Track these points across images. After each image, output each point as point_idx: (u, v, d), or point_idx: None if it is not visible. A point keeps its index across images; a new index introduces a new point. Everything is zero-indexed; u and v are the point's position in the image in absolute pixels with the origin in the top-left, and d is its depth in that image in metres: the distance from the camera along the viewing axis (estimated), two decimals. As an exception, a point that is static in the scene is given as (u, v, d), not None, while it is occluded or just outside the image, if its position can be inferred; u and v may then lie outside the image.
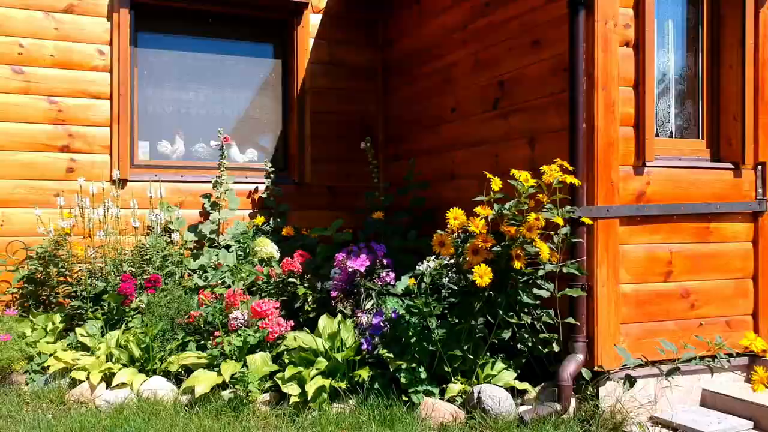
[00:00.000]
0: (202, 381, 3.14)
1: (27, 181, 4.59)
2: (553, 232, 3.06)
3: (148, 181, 4.78)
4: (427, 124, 4.87)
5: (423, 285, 3.47)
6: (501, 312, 3.05)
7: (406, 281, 3.75)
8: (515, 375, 3.24)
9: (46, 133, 4.64)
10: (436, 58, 4.71)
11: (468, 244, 2.92)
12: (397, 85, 5.34)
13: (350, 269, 3.42)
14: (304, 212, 5.22)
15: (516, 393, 3.18)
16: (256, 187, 5.15)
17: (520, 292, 3.00)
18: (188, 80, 5.21)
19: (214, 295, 3.82)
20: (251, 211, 5.08)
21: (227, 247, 4.59)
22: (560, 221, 2.87)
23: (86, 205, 4.08)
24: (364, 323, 3.14)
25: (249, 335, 3.26)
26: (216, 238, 4.62)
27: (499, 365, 3.24)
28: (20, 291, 4.28)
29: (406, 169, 4.87)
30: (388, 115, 5.51)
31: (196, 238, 4.60)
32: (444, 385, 3.17)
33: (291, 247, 4.31)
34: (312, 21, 5.35)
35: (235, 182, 4.99)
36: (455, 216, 2.94)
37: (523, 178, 2.79)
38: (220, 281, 4.02)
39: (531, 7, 3.70)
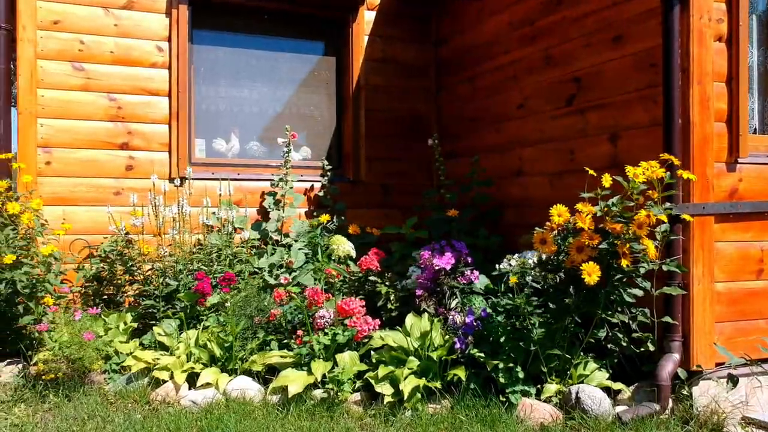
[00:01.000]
0: (295, 380, 3.09)
1: (87, 179, 4.55)
2: (654, 230, 3.01)
3: (206, 179, 4.74)
4: (488, 121, 4.82)
5: (506, 284, 3.44)
6: (600, 311, 3.00)
7: (485, 280, 3.71)
8: (607, 375, 3.20)
9: (105, 130, 4.60)
10: (499, 55, 4.67)
11: (572, 241, 2.87)
12: (452, 83, 5.29)
13: (436, 267, 3.37)
14: (358, 210, 5.18)
15: (609, 393, 3.13)
16: (312, 185, 5.10)
17: (621, 291, 2.95)
18: (242, 78, 5.16)
19: (288, 294, 3.77)
20: (307, 209, 5.03)
21: (288, 246, 4.54)
22: (664, 218, 2.82)
23: (160, 203, 4.02)
24: (458, 322, 3.10)
25: (338, 334, 3.22)
26: (279, 237, 4.57)
27: (592, 365, 3.20)
28: (83, 290, 4.23)
29: (462, 166, 4.82)
30: (441, 113, 5.46)
31: (259, 236, 4.55)
32: (538, 385, 3.12)
33: (356, 246, 4.27)
34: (366, 18, 5.31)
35: (280, 180, 4.94)
36: (559, 213, 2.90)
37: (632, 173, 2.74)
38: (291, 279, 3.97)
39: (612, 2, 3.65)
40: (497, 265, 3.64)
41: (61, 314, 3.75)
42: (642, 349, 3.15)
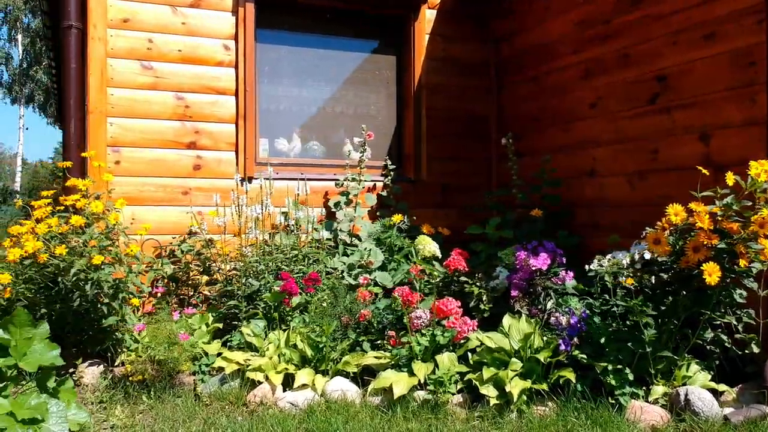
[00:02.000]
0: (399, 382, 3.05)
1: (155, 179, 4.51)
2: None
3: (273, 179, 4.70)
4: (554, 121, 4.79)
5: (602, 284, 3.40)
6: (709, 311, 2.96)
7: (572, 281, 3.67)
8: (710, 376, 3.16)
9: (173, 129, 4.57)
10: (567, 54, 4.63)
11: (689, 241, 2.83)
12: (513, 82, 5.26)
13: (533, 267, 3.34)
14: (418, 210, 5.14)
15: (714, 395, 3.10)
16: (374, 185, 5.07)
17: (731, 291, 2.92)
18: (303, 77, 5.13)
19: (372, 294, 3.74)
20: (369, 209, 5.00)
21: (354, 245, 4.50)
22: (779, 218, 2.78)
23: (243, 202, 3.98)
24: (563, 323, 3.06)
25: (438, 335, 3.18)
26: (347, 237, 4.54)
27: (694, 366, 3.16)
28: (153, 290, 4.20)
29: (525, 167, 4.77)
30: (501, 112, 5.43)
31: (331, 236, 4.52)
32: (643, 387, 3.08)
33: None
34: (427, 16, 5.28)
35: (353, 179, 4.91)
36: (676, 212, 2.86)
37: (755, 172, 2.70)
38: (371, 279, 3.94)
39: (702, 0, 3.61)
40: (587, 266, 3.60)
41: (136, 314, 3.73)
42: (748, 351, 3.12)
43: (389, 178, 4.97)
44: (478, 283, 3.60)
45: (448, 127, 5.34)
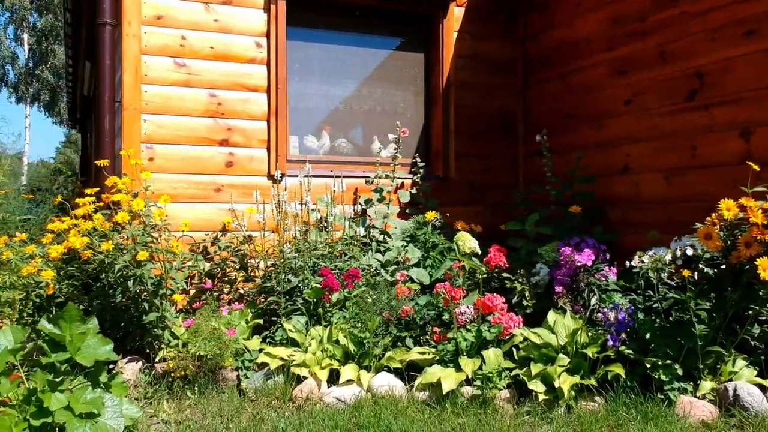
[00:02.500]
0: (447, 378, 3.06)
1: (187, 176, 4.51)
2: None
3: (304, 176, 4.71)
4: (586, 117, 4.79)
5: (645, 279, 3.41)
6: (758, 306, 2.97)
7: (613, 277, 3.67)
8: (755, 372, 3.16)
9: (206, 126, 4.57)
10: (600, 51, 4.63)
11: (740, 237, 2.84)
12: (542, 79, 5.26)
13: (578, 264, 3.34)
14: (446, 207, 5.11)
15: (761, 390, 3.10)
16: (402, 183, 5.07)
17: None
18: (332, 74, 5.13)
19: (410, 290, 3.75)
20: (399, 206, 4.99)
21: (384, 242, 4.51)
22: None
23: (284, 199, 3.99)
24: (611, 319, 3.06)
25: (484, 330, 3.18)
26: (378, 233, 4.54)
27: (740, 362, 3.16)
28: (188, 286, 4.20)
29: (556, 163, 4.76)
30: (528, 110, 5.43)
31: (364, 233, 4.52)
32: (691, 382, 3.08)
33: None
34: (455, 14, 5.28)
35: (386, 177, 4.91)
36: (728, 207, 2.86)
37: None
38: (407, 275, 3.94)
39: (743, -4, 3.62)
40: (627, 262, 3.61)
41: (173, 310, 3.73)
42: (793, 347, 3.12)
43: (419, 175, 4.97)
44: (519, 280, 3.60)
45: (476, 125, 5.34)
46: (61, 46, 26.91)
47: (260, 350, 3.53)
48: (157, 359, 3.63)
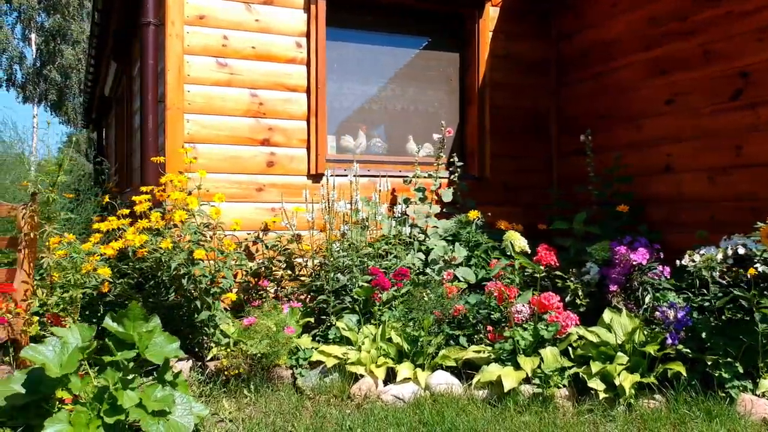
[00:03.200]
0: (508, 376, 3.08)
1: (230, 175, 4.53)
2: None
3: (338, 175, 4.73)
4: (622, 117, 4.80)
5: (698, 278, 3.42)
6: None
7: (667, 275, 3.69)
8: (809, 370, 3.18)
9: (248, 126, 4.59)
10: (638, 51, 4.65)
11: (804, 236, 2.86)
12: (576, 79, 5.28)
13: (633, 262, 3.36)
14: (482, 207, 5.13)
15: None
16: (440, 182, 5.08)
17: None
18: (367, 74, 5.15)
19: (458, 289, 3.76)
20: (438, 206, 4.99)
21: (423, 242, 4.52)
22: None
23: (334, 198, 4.01)
24: (671, 317, 3.08)
25: (542, 329, 3.20)
26: (421, 233, 4.55)
27: (795, 360, 3.18)
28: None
29: (589, 163, 4.78)
30: (561, 110, 5.45)
31: (408, 232, 4.53)
32: (750, 380, 3.10)
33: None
34: (491, 14, 5.29)
35: (428, 176, 4.93)
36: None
37: None
38: (453, 274, 3.96)
39: (791, -4, 3.64)
40: (677, 261, 3.63)
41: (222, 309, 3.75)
42: None
43: (456, 175, 4.99)
44: (572, 278, 3.62)
45: (510, 125, 5.36)
46: (69, 46, 26.96)
47: (313, 348, 3.55)
48: (208, 358, 3.65)
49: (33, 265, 3.23)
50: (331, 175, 4.69)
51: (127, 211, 3.94)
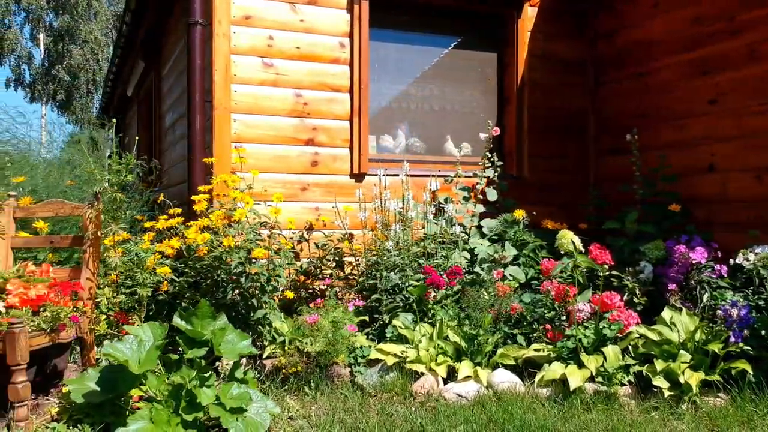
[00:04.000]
0: (573, 374, 3.10)
1: (276, 175, 4.55)
2: None
3: (384, 175, 4.75)
4: (663, 117, 4.82)
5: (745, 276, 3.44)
6: None
7: (724, 274, 3.71)
8: None
9: (293, 126, 4.61)
10: (680, 51, 4.67)
11: None
12: (614, 79, 5.29)
13: (693, 261, 3.38)
14: (519, 206, 5.16)
15: None
16: (478, 181, 5.10)
17: None
18: (405, 73, 5.17)
19: (511, 288, 3.78)
20: (482, 206, 5.00)
21: (455, 241, 4.54)
22: None
23: (387, 197, 4.03)
24: (734, 316, 3.10)
25: (605, 327, 3.22)
26: (462, 232, 4.57)
27: None
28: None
29: (628, 163, 4.79)
30: (599, 109, 5.47)
31: (459, 231, 4.54)
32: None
33: (550, 241, 4.31)
34: (528, 14, 5.31)
35: (458, 176, 4.94)
36: None
37: None
38: (503, 273, 3.98)
39: None
40: (730, 260, 3.65)
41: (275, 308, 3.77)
42: None
43: (495, 174, 5.00)
44: (628, 277, 3.63)
45: (547, 124, 5.38)
46: (77, 46, 27.00)
47: (370, 347, 3.57)
48: (264, 356, 3.67)
49: (97, 264, 3.25)
50: (375, 175, 4.73)
51: (179, 210, 3.97)
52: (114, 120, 6.73)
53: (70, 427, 2.65)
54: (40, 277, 3.15)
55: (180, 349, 2.94)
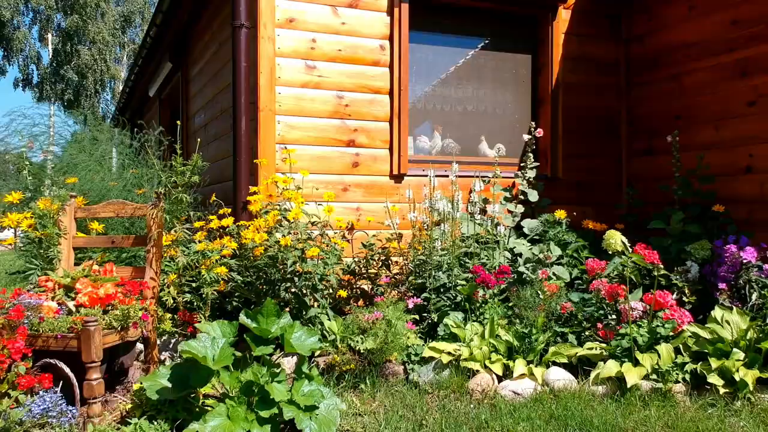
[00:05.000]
0: (629, 372, 3.15)
1: (317, 176, 4.61)
2: None
3: (418, 175, 4.82)
4: (699, 118, 4.88)
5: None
6: None
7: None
8: None
9: (334, 127, 4.67)
10: (718, 53, 4.72)
11: None
12: (648, 79, 5.35)
13: (744, 260, 3.44)
14: (554, 207, 5.22)
15: None
16: (514, 182, 5.16)
17: None
18: (440, 75, 5.23)
19: (558, 287, 3.84)
20: (522, 206, 5.04)
21: (496, 241, 4.60)
22: None
23: (437, 197, 4.08)
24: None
25: (659, 326, 3.28)
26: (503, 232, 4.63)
27: None
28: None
29: (663, 164, 4.84)
30: (630, 110, 5.52)
31: (504, 231, 4.60)
32: None
33: (592, 240, 4.38)
34: (563, 16, 5.37)
35: (496, 176, 5.00)
36: None
37: None
38: (548, 273, 4.04)
39: None
40: (778, 260, 3.70)
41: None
42: None
43: (531, 175, 5.06)
44: (677, 277, 3.69)
45: (581, 125, 5.44)
46: (85, 46, 27.08)
47: (422, 345, 3.63)
48: (316, 354, 3.73)
49: (160, 263, 3.31)
50: (413, 175, 4.80)
51: (228, 210, 4.03)
52: (141, 121, 6.79)
53: (153, 422, 2.70)
54: (104, 276, 3.21)
55: (241, 346, 3.01)
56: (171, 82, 8.30)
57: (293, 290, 3.69)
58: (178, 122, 4.86)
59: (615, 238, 3.70)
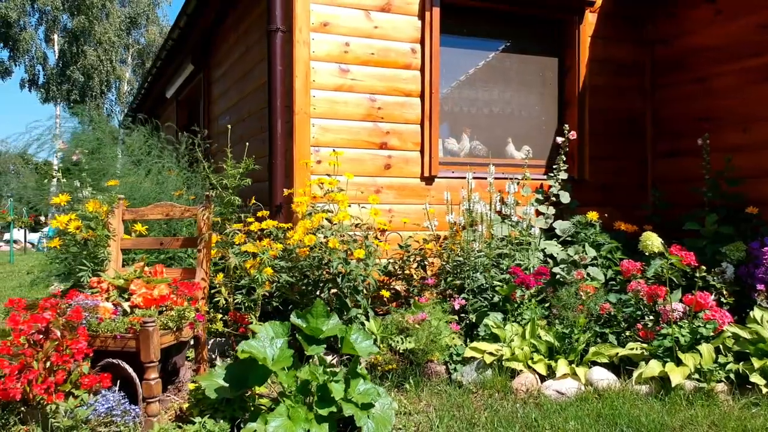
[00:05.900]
0: (673, 372, 3.21)
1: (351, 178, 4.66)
2: None
3: (448, 177, 4.88)
4: (725, 120, 4.93)
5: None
6: None
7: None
8: None
9: (367, 130, 4.73)
10: (745, 57, 4.78)
11: None
12: (674, 82, 5.41)
13: (782, 262, 3.50)
14: (581, 209, 5.28)
15: None
16: (541, 184, 5.22)
17: None
18: (467, 77, 5.29)
19: (594, 288, 3.89)
20: (553, 208, 5.10)
21: (529, 242, 4.66)
22: None
23: (476, 199, 4.14)
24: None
25: (700, 326, 3.34)
26: (540, 233, 4.69)
27: None
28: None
29: (688, 166, 4.89)
30: (655, 112, 5.58)
31: (524, 232, 4.66)
32: None
33: (624, 242, 4.44)
34: (589, 19, 5.43)
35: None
36: None
37: None
38: (584, 274, 4.10)
39: None
40: (812, 261, 3.75)
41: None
42: None
43: (559, 177, 5.11)
44: (715, 278, 3.75)
45: (606, 127, 5.50)
46: (91, 47, 27.13)
47: (464, 345, 3.68)
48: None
49: (209, 264, 3.36)
50: (443, 177, 4.86)
51: (267, 213, 4.09)
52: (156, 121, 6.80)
53: (217, 421, 2.76)
54: (156, 278, 3.27)
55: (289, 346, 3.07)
56: (191, 83, 8.36)
57: (334, 291, 3.75)
58: (195, 126, 4.91)
59: (652, 240, 3.76)
